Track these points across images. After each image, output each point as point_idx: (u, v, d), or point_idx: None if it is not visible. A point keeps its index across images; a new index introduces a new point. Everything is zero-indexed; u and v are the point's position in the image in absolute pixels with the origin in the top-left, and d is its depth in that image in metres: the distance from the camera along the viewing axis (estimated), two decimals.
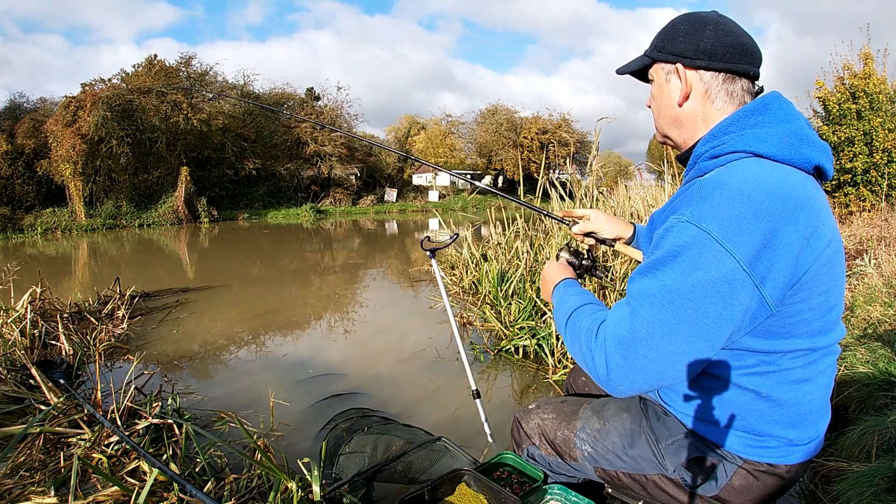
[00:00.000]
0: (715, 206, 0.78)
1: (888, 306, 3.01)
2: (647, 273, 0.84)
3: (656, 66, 0.99)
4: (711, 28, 0.91)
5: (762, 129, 0.86)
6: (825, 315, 0.87)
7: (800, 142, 0.85)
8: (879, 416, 1.87)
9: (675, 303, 0.78)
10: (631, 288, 0.86)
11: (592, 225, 1.39)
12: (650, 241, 0.98)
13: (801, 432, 0.92)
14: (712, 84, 0.92)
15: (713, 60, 0.90)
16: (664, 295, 0.79)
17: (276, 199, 27.49)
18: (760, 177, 0.80)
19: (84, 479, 1.77)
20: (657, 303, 0.80)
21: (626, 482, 1.10)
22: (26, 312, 3.42)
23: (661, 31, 0.99)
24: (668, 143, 1.05)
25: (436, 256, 2.42)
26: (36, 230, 18.32)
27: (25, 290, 3.91)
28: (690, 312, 0.78)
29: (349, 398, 2.75)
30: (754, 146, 0.85)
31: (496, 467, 1.36)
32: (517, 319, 3.62)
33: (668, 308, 0.79)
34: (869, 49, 8.49)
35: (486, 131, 36.76)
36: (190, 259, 10.40)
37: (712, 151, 0.89)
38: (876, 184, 8.31)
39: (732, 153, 0.87)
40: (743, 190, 0.78)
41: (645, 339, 0.80)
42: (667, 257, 0.81)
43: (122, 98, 20.96)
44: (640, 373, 0.81)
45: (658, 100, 1.01)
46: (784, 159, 0.84)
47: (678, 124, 0.98)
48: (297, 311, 5.06)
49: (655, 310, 0.80)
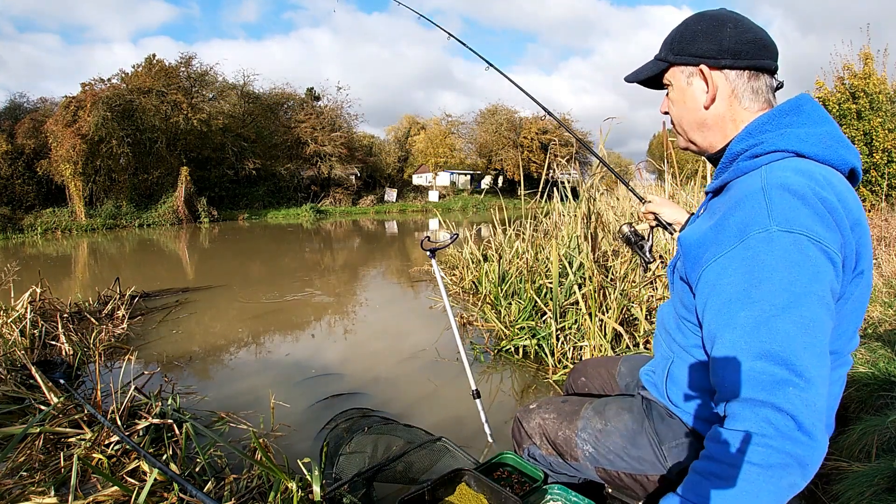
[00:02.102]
0: (795, 208, 0.76)
1: (888, 306, 3.01)
2: (764, 299, 0.74)
3: (674, 69, 0.96)
4: (731, 26, 0.89)
5: (800, 128, 0.85)
6: (856, 322, 0.87)
7: (837, 143, 0.85)
8: (879, 416, 1.87)
9: (816, 320, 0.72)
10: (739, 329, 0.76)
11: (655, 207, 1.43)
12: (692, 263, 0.89)
13: None
14: (738, 83, 0.90)
15: (738, 59, 0.88)
16: (804, 315, 0.72)
17: (276, 199, 27.50)
18: (812, 173, 0.79)
19: (84, 479, 1.78)
20: (801, 325, 0.72)
21: (627, 483, 1.10)
22: (26, 312, 3.42)
23: (674, 34, 0.96)
24: (693, 148, 1.01)
25: (436, 256, 2.42)
26: (36, 230, 18.31)
27: (25, 290, 3.91)
28: (826, 320, 0.74)
29: (349, 398, 2.75)
30: (796, 146, 0.83)
31: (496, 467, 1.36)
32: (517, 319, 3.62)
33: (816, 328, 0.72)
34: (869, 49, 8.50)
35: (487, 131, 36.76)
36: (190, 259, 10.40)
37: (753, 150, 0.86)
38: (876, 184, 8.32)
39: (775, 152, 0.85)
40: (807, 185, 0.77)
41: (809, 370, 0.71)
42: (778, 274, 0.73)
43: (122, 98, 20.98)
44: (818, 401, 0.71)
45: (679, 104, 0.97)
46: (825, 160, 0.83)
47: (704, 128, 0.95)
48: (297, 311, 5.06)
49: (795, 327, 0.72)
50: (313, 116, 29.99)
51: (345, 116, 31.91)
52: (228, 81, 27.30)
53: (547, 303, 3.49)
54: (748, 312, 0.74)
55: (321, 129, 29.55)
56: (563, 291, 3.56)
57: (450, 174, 37.75)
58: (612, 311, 3.06)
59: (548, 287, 3.68)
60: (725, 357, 0.75)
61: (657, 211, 1.43)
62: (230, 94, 26.84)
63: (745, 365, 0.72)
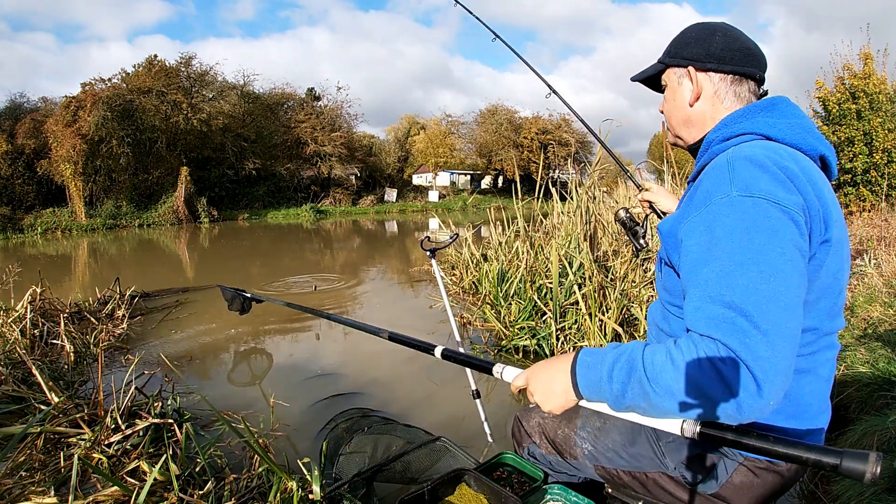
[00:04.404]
0: (756, 175, 0.80)
1: (888, 306, 3.01)
2: (724, 256, 0.77)
3: (669, 70, 1.05)
4: (721, 34, 0.98)
5: (769, 118, 0.92)
6: (836, 297, 0.89)
7: (806, 132, 0.90)
8: (879, 416, 1.87)
9: (777, 273, 0.74)
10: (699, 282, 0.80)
11: (652, 196, 1.47)
12: (672, 244, 0.93)
13: (800, 424, 0.92)
14: (721, 86, 0.98)
15: (722, 63, 0.97)
16: (763, 270, 0.74)
17: (276, 199, 27.50)
18: (777, 149, 0.85)
19: (84, 479, 1.77)
20: (759, 279, 0.74)
21: (627, 480, 1.10)
22: (26, 312, 3.43)
23: (673, 39, 1.06)
24: (680, 143, 1.10)
25: (436, 256, 2.42)
26: (36, 230, 18.33)
27: (26, 290, 3.92)
28: (793, 278, 0.75)
29: (349, 398, 2.75)
30: (764, 130, 0.90)
31: (496, 467, 1.36)
32: (517, 319, 3.62)
33: (776, 281, 0.73)
34: (869, 49, 8.50)
35: (486, 131, 36.76)
36: (190, 259, 10.40)
37: (724, 134, 0.93)
38: (876, 184, 8.32)
39: (744, 135, 0.91)
40: (770, 157, 0.82)
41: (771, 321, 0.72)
42: (737, 233, 0.76)
43: (123, 98, 20.97)
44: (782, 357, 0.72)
45: (670, 102, 1.07)
46: (792, 143, 0.89)
47: (689, 124, 1.04)
48: (297, 310, 5.06)
49: (758, 283, 0.73)
50: (313, 116, 29.98)
51: (345, 116, 31.95)
52: (228, 81, 27.32)
53: (547, 303, 3.50)
54: (709, 268, 0.78)
55: (321, 129, 29.54)
56: (563, 291, 3.56)
57: (450, 174, 37.77)
58: (611, 312, 3.06)
59: (548, 287, 3.68)
60: (690, 311, 0.78)
61: (653, 199, 1.47)
62: (230, 94, 26.84)
63: (707, 312, 0.75)
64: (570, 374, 0.88)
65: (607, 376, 0.81)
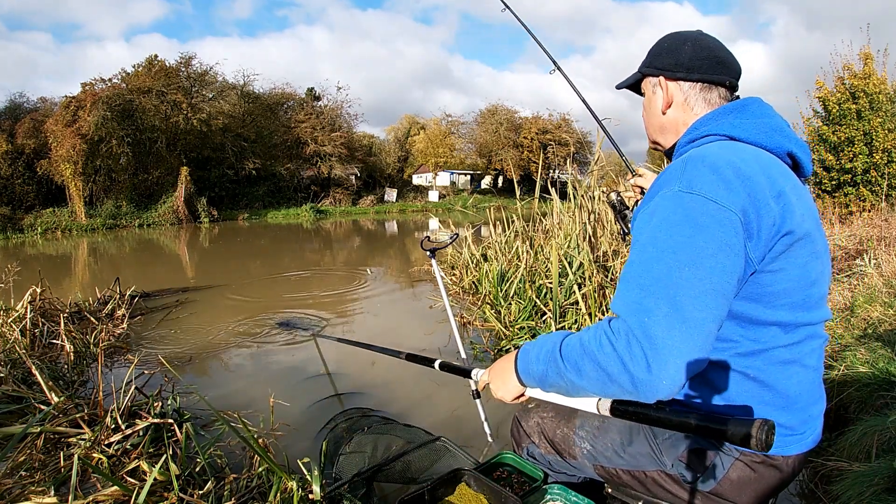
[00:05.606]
0: (702, 174, 0.83)
1: (888, 306, 3.01)
2: (650, 245, 0.82)
3: (645, 80, 1.11)
4: (690, 44, 1.02)
5: (737, 118, 0.95)
6: (807, 289, 0.89)
7: (773, 131, 0.93)
8: (879, 416, 1.87)
9: (694, 264, 0.78)
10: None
11: (644, 181, 1.48)
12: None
13: (793, 416, 0.92)
14: (691, 93, 1.03)
15: (691, 72, 1.01)
16: (680, 259, 0.78)
17: (276, 199, 27.50)
18: (736, 149, 0.89)
19: (84, 479, 1.78)
20: (674, 267, 0.78)
21: (626, 479, 1.10)
22: (26, 312, 3.43)
23: (650, 49, 1.10)
24: (658, 148, 1.15)
25: (436, 256, 2.42)
26: (36, 230, 18.33)
27: (26, 290, 3.91)
28: (712, 271, 0.78)
29: (349, 398, 2.75)
30: (729, 130, 0.94)
31: (496, 467, 1.36)
32: (517, 319, 3.63)
33: (690, 271, 0.77)
34: (869, 49, 8.50)
35: (486, 131, 36.74)
36: (190, 259, 10.40)
37: (691, 136, 0.99)
38: (876, 184, 8.32)
39: (709, 136, 0.96)
40: (723, 157, 0.85)
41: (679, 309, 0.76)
42: (666, 225, 0.82)
43: (122, 98, 20.97)
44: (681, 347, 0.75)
45: (647, 109, 1.12)
46: (757, 143, 0.92)
47: (664, 130, 1.09)
48: (297, 310, 5.06)
49: (674, 273, 0.78)
50: (313, 116, 29.96)
51: (344, 116, 31.92)
52: (228, 81, 27.30)
53: (547, 303, 3.50)
54: (637, 254, 0.84)
55: (321, 128, 29.53)
56: (563, 291, 3.56)
57: (450, 174, 37.76)
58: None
59: (548, 287, 3.68)
60: (616, 293, 0.86)
61: (644, 185, 1.47)
62: (230, 94, 26.83)
63: (622, 294, 0.83)
64: (513, 362, 0.99)
65: (535, 359, 0.93)
